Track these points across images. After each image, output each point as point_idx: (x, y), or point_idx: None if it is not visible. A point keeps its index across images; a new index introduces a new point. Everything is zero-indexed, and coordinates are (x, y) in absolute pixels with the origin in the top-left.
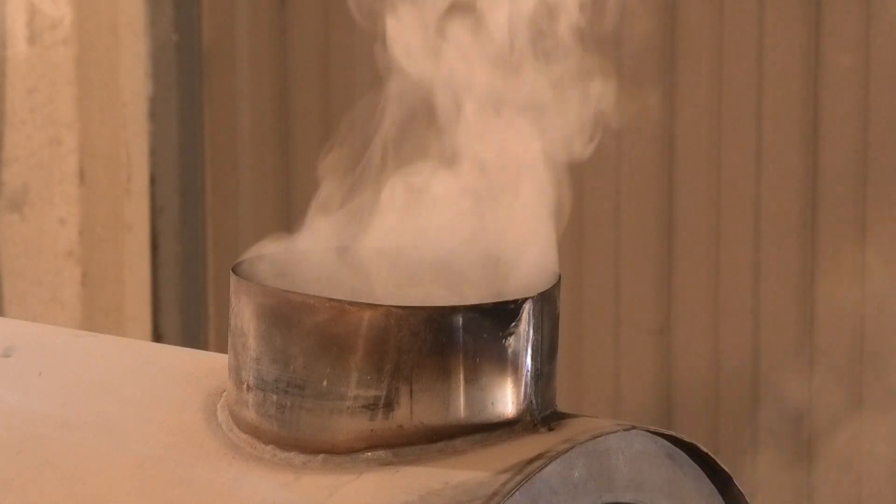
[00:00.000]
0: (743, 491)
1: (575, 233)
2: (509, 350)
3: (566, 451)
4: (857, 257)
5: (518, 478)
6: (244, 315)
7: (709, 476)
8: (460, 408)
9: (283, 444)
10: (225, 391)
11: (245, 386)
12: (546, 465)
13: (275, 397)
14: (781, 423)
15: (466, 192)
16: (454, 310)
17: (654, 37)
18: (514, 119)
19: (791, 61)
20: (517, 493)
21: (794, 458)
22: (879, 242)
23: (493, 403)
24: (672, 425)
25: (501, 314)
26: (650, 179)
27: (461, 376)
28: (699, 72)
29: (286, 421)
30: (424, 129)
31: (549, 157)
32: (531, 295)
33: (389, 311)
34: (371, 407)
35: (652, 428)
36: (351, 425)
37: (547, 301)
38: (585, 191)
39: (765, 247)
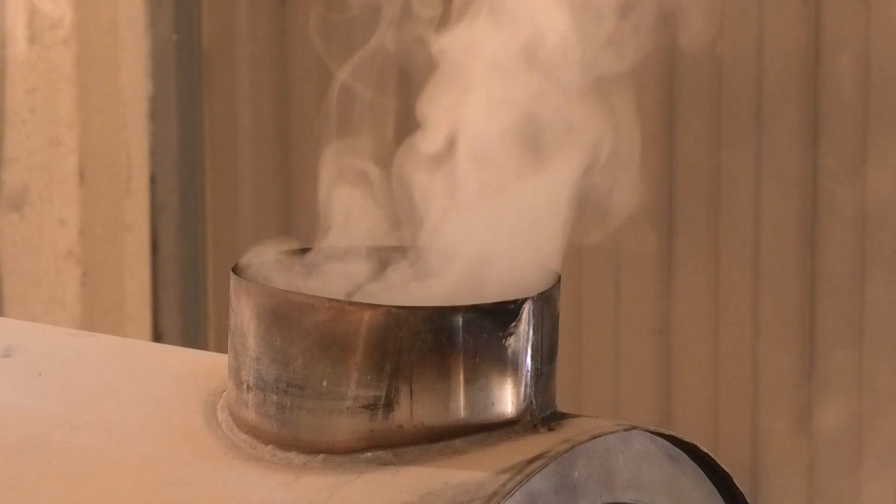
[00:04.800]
0: (742, 490)
1: (575, 233)
2: (509, 350)
3: (566, 451)
4: (858, 257)
5: (518, 478)
6: (244, 315)
7: (709, 476)
8: (460, 408)
9: (283, 444)
10: (225, 391)
11: (245, 386)
12: (546, 465)
13: (275, 397)
14: (781, 423)
15: (468, 191)
16: (454, 310)
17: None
18: (515, 120)
19: (791, 61)
20: (517, 492)
21: (794, 458)
22: (880, 240)
23: (493, 403)
24: (672, 425)
25: (501, 314)
26: (650, 179)
27: (461, 376)
28: (699, 71)
29: (286, 421)
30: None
31: (553, 158)
32: (531, 295)
33: (389, 311)
34: (371, 407)
35: (652, 428)
36: (351, 425)
37: (547, 301)
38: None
39: (765, 247)
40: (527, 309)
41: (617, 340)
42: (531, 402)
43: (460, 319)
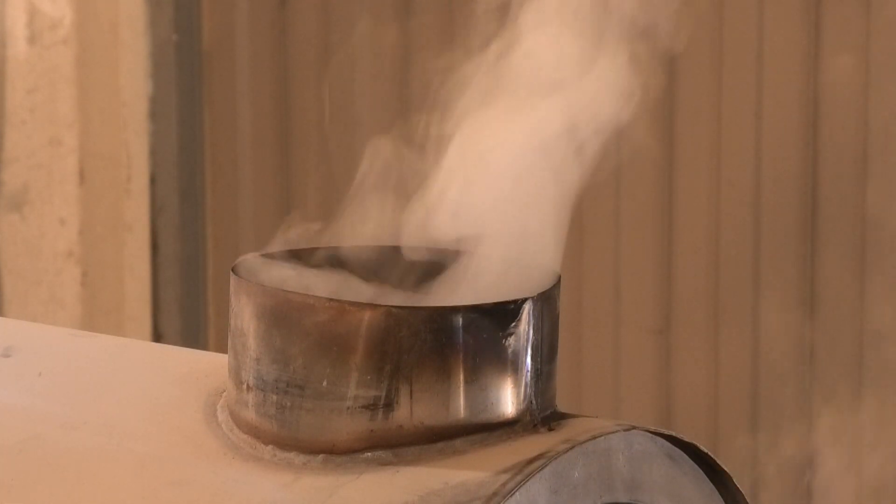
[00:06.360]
0: (742, 490)
1: (575, 233)
2: (509, 350)
3: (566, 451)
4: (857, 258)
5: (518, 478)
6: (244, 315)
7: (708, 476)
8: (460, 408)
9: (283, 444)
10: (225, 391)
11: (245, 386)
12: (546, 465)
13: (275, 397)
14: (781, 423)
15: (469, 190)
16: (454, 310)
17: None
18: (515, 119)
19: (791, 61)
20: (517, 493)
21: (794, 458)
22: (879, 242)
23: (493, 403)
24: (672, 425)
25: (501, 314)
26: (650, 179)
27: (461, 376)
28: (699, 71)
29: (286, 421)
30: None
31: (552, 158)
32: (531, 295)
33: (389, 311)
34: (371, 407)
35: (652, 428)
36: (351, 425)
37: (547, 301)
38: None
39: (765, 247)
40: (527, 309)
41: (617, 340)
42: (531, 402)
43: (460, 319)
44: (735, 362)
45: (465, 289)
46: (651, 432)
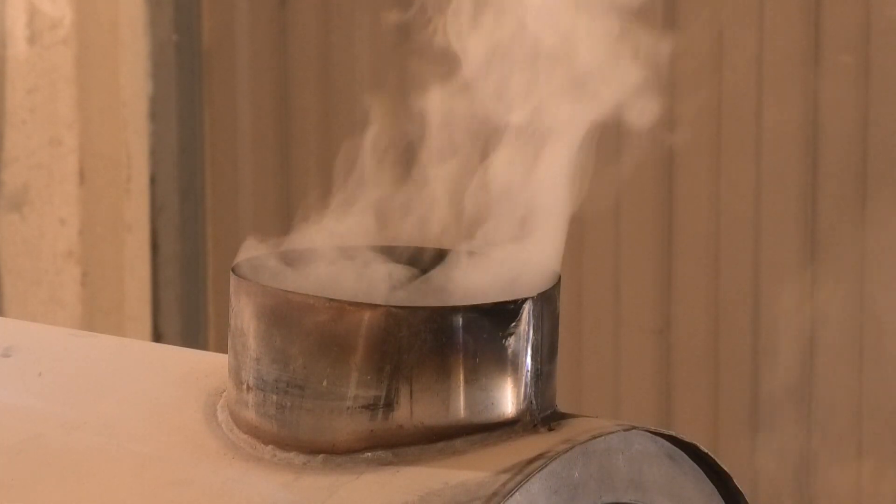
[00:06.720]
0: (742, 490)
1: (575, 233)
2: (509, 350)
3: (566, 451)
4: (857, 257)
5: (518, 478)
6: (244, 315)
7: (708, 476)
8: (460, 408)
9: (283, 444)
10: (225, 391)
11: (245, 386)
12: (546, 465)
13: (275, 397)
14: (781, 423)
15: (469, 189)
16: (454, 310)
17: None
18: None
19: (791, 61)
20: (517, 493)
21: (794, 458)
22: (879, 242)
23: (493, 403)
24: (672, 425)
25: (501, 314)
26: (650, 179)
27: (461, 376)
28: (699, 71)
29: (286, 421)
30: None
31: (554, 155)
32: (531, 295)
33: (389, 311)
34: (371, 407)
35: (652, 428)
36: (351, 425)
37: (547, 301)
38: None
39: (765, 247)
40: (527, 309)
41: (617, 340)
42: (531, 402)
43: (460, 319)
44: (735, 362)
45: (465, 289)
46: (651, 432)
